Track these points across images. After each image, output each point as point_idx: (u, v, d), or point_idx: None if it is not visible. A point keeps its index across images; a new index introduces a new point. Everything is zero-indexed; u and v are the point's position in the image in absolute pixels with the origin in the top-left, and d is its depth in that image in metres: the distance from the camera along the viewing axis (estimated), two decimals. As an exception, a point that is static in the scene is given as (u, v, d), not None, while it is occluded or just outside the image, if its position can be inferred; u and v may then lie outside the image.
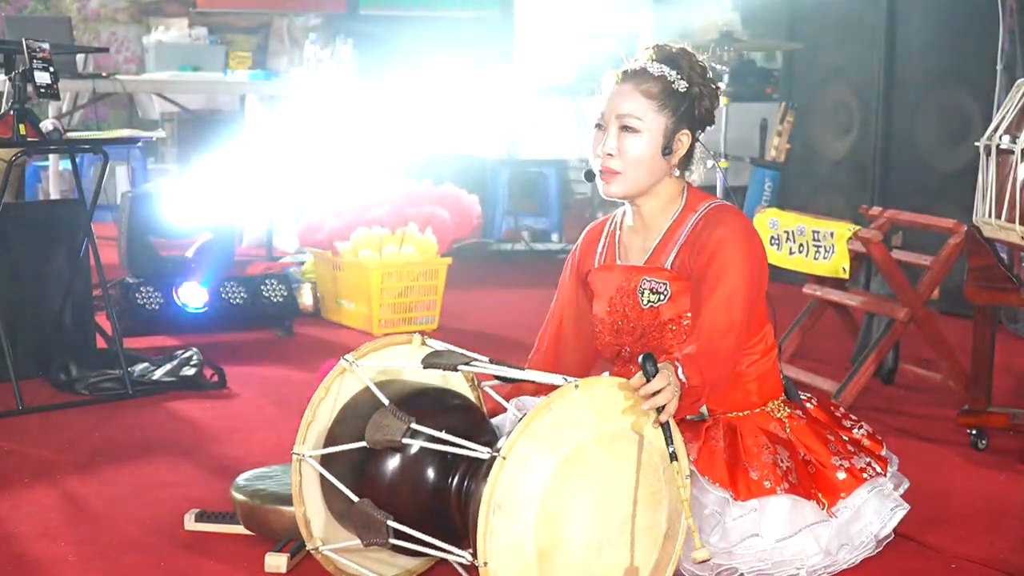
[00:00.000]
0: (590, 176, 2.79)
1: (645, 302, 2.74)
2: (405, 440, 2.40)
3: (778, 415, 2.79)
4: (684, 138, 2.73)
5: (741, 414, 2.76)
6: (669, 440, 2.34)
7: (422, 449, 2.41)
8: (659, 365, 2.41)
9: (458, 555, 2.34)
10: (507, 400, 2.58)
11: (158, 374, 4.15)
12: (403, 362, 2.60)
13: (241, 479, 2.87)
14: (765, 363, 2.80)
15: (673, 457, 2.33)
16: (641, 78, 2.70)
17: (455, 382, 2.65)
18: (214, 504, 2.98)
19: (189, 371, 4.15)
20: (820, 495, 2.66)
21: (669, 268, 2.74)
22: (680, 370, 2.46)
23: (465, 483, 2.39)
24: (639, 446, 2.35)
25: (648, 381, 2.34)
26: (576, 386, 2.27)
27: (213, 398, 4.09)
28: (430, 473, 2.42)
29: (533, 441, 2.22)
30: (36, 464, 3.38)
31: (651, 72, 2.70)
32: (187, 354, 4.23)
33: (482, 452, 2.33)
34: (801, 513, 2.61)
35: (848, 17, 6.13)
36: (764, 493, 2.59)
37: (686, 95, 2.71)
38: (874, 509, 2.70)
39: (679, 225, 2.76)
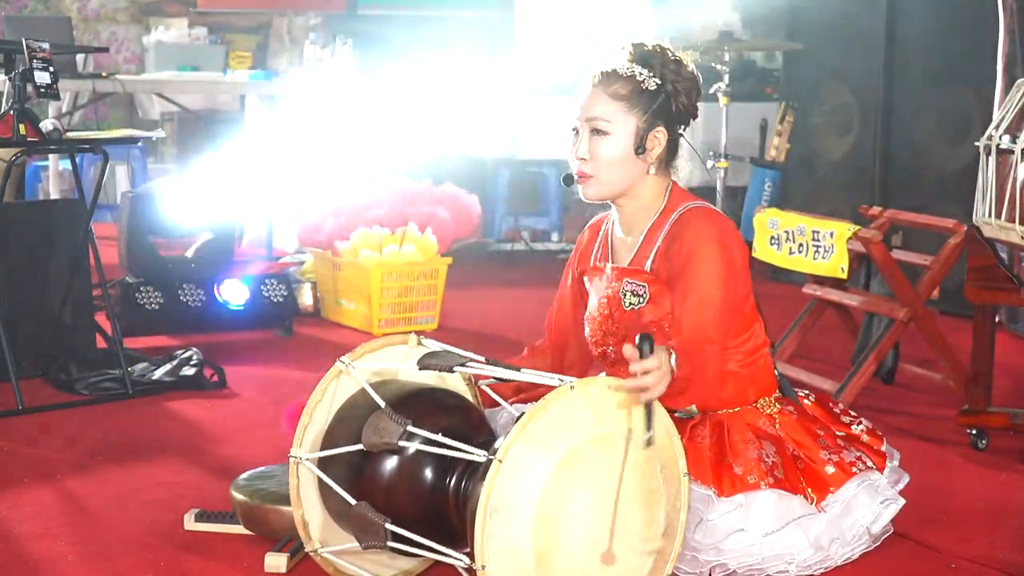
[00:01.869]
0: (569, 180, 2.81)
1: (627, 304, 2.75)
2: (401, 443, 2.40)
3: (768, 411, 2.79)
4: (659, 135, 2.74)
5: (731, 411, 2.77)
6: (649, 424, 2.33)
7: (414, 461, 2.41)
8: (656, 347, 2.41)
9: (456, 558, 2.34)
10: (504, 399, 2.58)
11: (158, 374, 4.15)
12: (399, 363, 2.60)
13: (241, 479, 2.87)
14: (756, 359, 2.81)
15: (649, 443, 2.32)
16: (610, 80, 2.72)
17: (452, 381, 2.64)
18: (214, 504, 2.98)
19: (189, 371, 4.16)
20: (809, 490, 2.66)
21: (648, 271, 2.74)
22: (673, 357, 2.46)
23: (463, 484, 2.39)
24: (636, 447, 2.35)
25: (641, 359, 2.33)
26: (572, 387, 2.27)
27: (213, 398, 4.09)
28: (427, 474, 2.42)
29: (529, 444, 2.22)
30: (36, 464, 3.38)
31: (621, 73, 2.72)
32: (187, 354, 4.24)
33: (478, 455, 2.32)
34: (788, 507, 2.61)
35: (848, 17, 6.13)
36: (748, 488, 2.59)
37: (658, 92, 2.72)
38: (864, 503, 2.69)
39: (658, 227, 2.76)
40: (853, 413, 2.94)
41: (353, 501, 2.43)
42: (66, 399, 4.01)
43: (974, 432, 3.59)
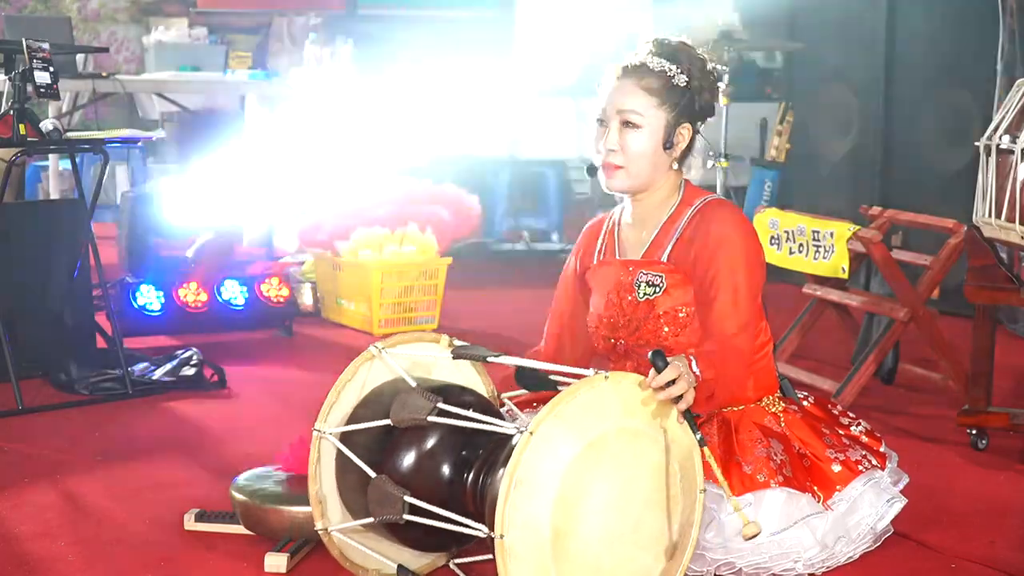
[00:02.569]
0: (592, 171, 2.82)
1: (641, 295, 2.76)
2: (431, 418, 2.41)
3: (773, 409, 2.80)
4: (685, 132, 2.76)
5: (736, 409, 2.77)
6: (695, 428, 2.37)
7: (439, 441, 2.43)
8: (670, 359, 2.42)
9: (475, 528, 2.34)
10: (522, 413, 2.61)
11: (158, 374, 4.15)
12: (432, 355, 2.62)
13: (241, 479, 2.87)
14: (761, 359, 2.82)
15: (702, 444, 2.37)
16: (641, 73, 2.73)
17: (476, 386, 2.67)
18: (214, 504, 2.98)
19: (189, 371, 4.16)
20: (816, 488, 2.66)
21: (665, 261, 2.76)
22: (694, 363, 2.48)
23: (480, 478, 2.40)
24: (660, 450, 2.37)
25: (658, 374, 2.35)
26: (606, 377, 2.30)
27: (213, 398, 4.09)
28: (445, 469, 2.44)
29: (560, 422, 2.25)
30: (36, 464, 3.38)
31: (651, 67, 2.72)
32: (187, 354, 4.23)
33: (508, 427, 2.36)
34: (796, 506, 2.61)
35: (848, 17, 6.13)
36: (758, 487, 2.60)
37: (686, 89, 2.73)
38: (870, 501, 2.70)
39: (676, 219, 2.78)
40: (852, 415, 2.94)
41: (373, 474, 2.44)
42: (66, 399, 4.01)
43: (974, 432, 3.59)
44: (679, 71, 2.72)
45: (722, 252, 2.67)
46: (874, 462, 2.76)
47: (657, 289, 2.75)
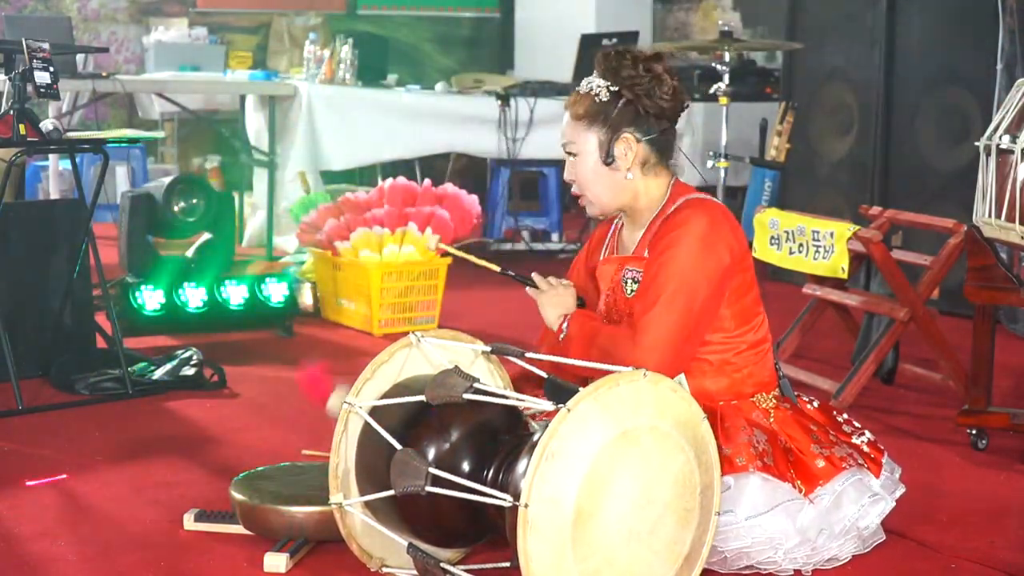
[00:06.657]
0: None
1: (628, 291, 2.80)
2: (467, 396, 2.43)
3: (763, 405, 2.81)
4: (627, 141, 2.77)
5: (730, 403, 2.79)
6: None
7: (470, 424, 2.44)
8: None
9: (500, 498, 2.34)
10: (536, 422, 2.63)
11: (158, 374, 4.15)
12: (464, 354, 2.65)
13: (241, 479, 2.88)
14: (755, 355, 2.82)
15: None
16: (573, 103, 2.82)
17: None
18: (214, 504, 2.98)
19: (189, 371, 4.15)
20: (799, 482, 2.67)
21: (646, 256, 2.79)
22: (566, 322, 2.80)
23: (504, 464, 2.41)
24: (685, 459, 2.38)
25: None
26: (644, 375, 2.33)
27: (213, 398, 4.09)
28: (471, 451, 2.44)
29: (598, 405, 2.27)
30: (36, 464, 3.38)
31: (580, 92, 2.81)
32: (187, 354, 4.23)
33: (544, 404, 2.39)
34: (774, 491, 2.62)
35: (848, 17, 6.13)
36: (737, 470, 2.62)
37: (613, 100, 2.76)
38: (852, 498, 2.70)
39: (660, 216, 2.82)
40: (857, 424, 2.92)
41: (399, 446, 2.44)
42: (66, 399, 4.01)
43: (974, 432, 3.59)
44: (606, 85, 2.76)
45: (670, 253, 2.70)
46: (860, 461, 2.76)
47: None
